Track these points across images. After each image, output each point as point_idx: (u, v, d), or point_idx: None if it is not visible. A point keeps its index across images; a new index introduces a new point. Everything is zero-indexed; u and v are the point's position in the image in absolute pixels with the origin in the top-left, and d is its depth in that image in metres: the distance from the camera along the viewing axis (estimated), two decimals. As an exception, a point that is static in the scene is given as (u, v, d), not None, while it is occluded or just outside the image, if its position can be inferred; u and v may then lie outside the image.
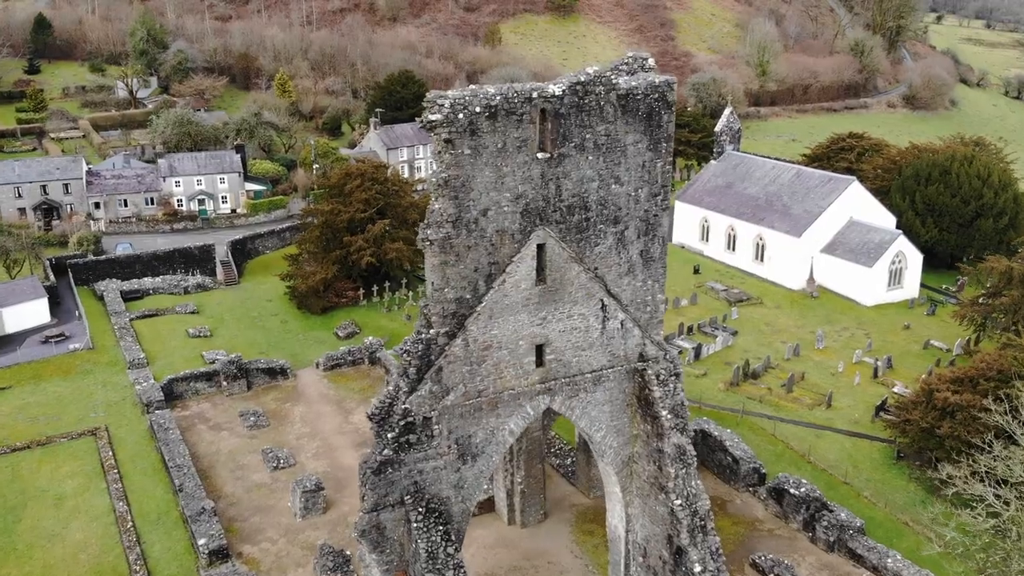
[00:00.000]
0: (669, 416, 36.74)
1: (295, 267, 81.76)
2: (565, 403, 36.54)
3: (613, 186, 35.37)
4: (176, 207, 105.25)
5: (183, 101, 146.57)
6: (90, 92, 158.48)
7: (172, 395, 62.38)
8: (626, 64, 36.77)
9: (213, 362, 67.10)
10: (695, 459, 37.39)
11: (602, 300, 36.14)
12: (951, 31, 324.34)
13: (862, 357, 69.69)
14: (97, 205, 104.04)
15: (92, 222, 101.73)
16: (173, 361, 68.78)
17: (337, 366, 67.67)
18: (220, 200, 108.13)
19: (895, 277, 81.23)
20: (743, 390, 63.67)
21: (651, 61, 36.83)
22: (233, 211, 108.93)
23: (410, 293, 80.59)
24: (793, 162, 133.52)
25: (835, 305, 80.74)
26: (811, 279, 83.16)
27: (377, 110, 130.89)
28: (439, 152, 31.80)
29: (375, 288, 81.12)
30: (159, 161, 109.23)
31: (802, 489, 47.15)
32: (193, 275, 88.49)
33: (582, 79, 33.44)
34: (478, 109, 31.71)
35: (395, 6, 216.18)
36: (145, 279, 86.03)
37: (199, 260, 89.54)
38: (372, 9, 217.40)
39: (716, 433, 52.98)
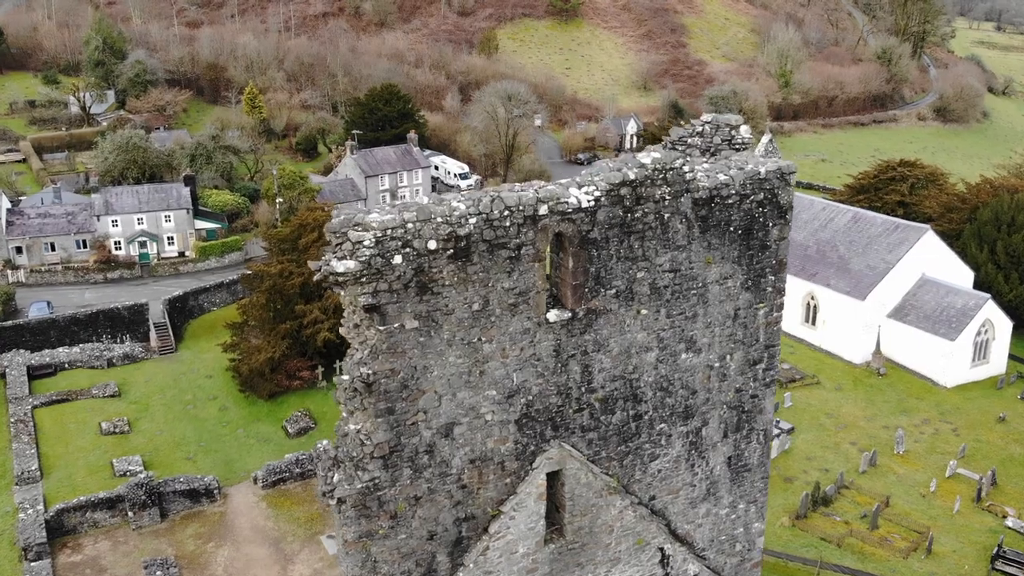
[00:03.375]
0: None
1: (238, 336, 66.37)
2: None
3: (683, 355, 19.82)
4: (112, 251, 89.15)
5: (140, 118, 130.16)
6: (40, 107, 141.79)
7: (62, 529, 47.99)
8: (699, 135, 21.17)
9: (124, 474, 53.98)
10: None
11: (662, 549, 20.60)
12: (962, 34, 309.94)
13: (957, 469, 54.20)
14: (19, 250, 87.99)
15: (11, 271, 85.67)
16: (74, 472, 55.07)
17: (281, 481, 53.11)
18: (165, 241, 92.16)
19: (980, 350, 65.66)
20: (814, 525, 48.14)
21: (744, 130, 21.19)
22: (181, 254, 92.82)
23: (381, 371, 64.90)
24: (830, 188, 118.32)
25: (908, 386, 65.03)
26: (877, 352, 67.44)
27: (354, 132, 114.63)
28: (356, 327, 16.23)
29: (337, 365, 65.45)
30: (93, 197, 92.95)
31: None
32: (121, 342, 72.96)
33: (631, 175, 17.78)
34: (433, 245, 16.12)
35: (383, 10, 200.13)
36: (60, 349, 70.40)
37: (129, 323, 73.82)
38: (358, 14, 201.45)
39: (792, 618, 37.92)
